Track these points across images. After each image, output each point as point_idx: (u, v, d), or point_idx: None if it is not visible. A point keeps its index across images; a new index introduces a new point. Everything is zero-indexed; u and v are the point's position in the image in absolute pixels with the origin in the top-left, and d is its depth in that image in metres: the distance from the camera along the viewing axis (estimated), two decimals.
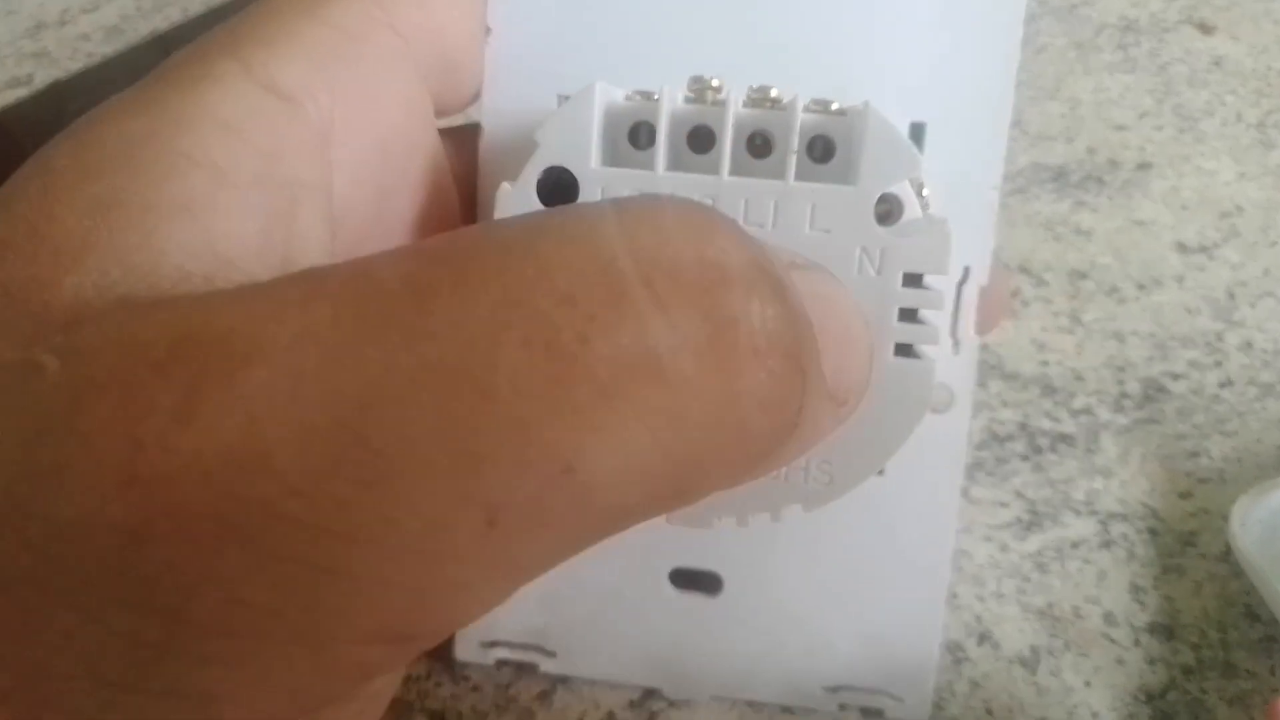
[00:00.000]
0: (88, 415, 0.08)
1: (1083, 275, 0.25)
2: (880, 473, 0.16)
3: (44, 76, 0.32)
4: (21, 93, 0.32)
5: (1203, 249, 0.26)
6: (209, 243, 0.10)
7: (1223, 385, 0.23)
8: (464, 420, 0.08)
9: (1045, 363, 0.24)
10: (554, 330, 0.09)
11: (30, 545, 0.08)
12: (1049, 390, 0.23)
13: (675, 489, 0.10)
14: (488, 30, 0.15)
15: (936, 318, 0.13)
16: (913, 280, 0.13)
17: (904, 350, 0.13)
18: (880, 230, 0.13)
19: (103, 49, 0.33)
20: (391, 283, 0.09)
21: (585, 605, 0.18)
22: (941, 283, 0.13)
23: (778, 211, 0.13)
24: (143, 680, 0.09)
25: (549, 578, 0.18)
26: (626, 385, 0.09)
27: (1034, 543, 0.20)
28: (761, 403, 0.10)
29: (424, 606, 0.09)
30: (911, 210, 0.13)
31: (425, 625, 0.09)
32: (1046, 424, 0.22)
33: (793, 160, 0.13)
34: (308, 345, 0.08)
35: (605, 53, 0.15)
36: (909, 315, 0.13)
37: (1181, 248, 0.26)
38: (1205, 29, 0.32)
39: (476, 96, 0.16)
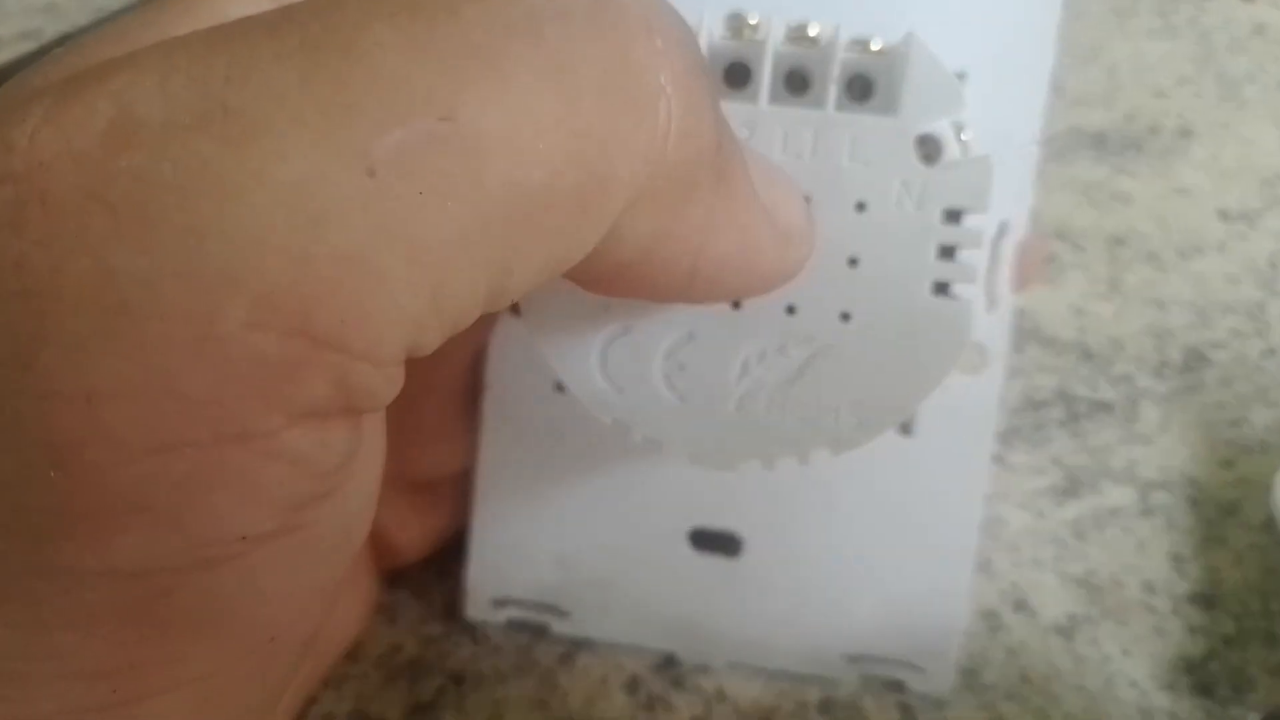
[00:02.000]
0: None
1: (1121, 241, 0.25)
2: (909, 434, 0.16)
3: (53, 30, 0.32)
4: (30, 45, 0.31)
5: (1244, 217, 0.25)
6: None
7: (1265, 354, 0.22)
8: (329, 78, 0.08)
9: (1083, 329, 0.23)
10: (420, 8, 0.09)
11: None
12: (1087, 356, 0.22)
13: (583, 170, 0.09)
14: None
15: (975, 257, 0.13)
16: (952, 217, 0.13)
17: (941, 290, 0.13)
18: (921, 165, 0.13)
19: (111, 3, 0.32)
20: (268, 11, 0.09)
21: (600, 564, 0.17)
22: (981, 221, 0.13)
23: (816, 141, 0.13)
24: (18, 380, 0.08)
25: (564, 535, 0.18)
26: (502, 43, 0.09)
27: (1072, 510, 0.20)
28: (664, 90, 0.09)
29: (312, 278, 0.08)
30: (951, 153, 0.13)
31: (322, 311, 0.08)
32: (1084, 391, 0.22)
33: (833, 89, 0.13)
34: (178, 52, 0.09)
35: None
36: (947, 254, 0.13)
37: (1223, 215, 0.25)
38: None
39: None
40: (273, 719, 0.14)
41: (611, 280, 0.11)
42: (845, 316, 0.13)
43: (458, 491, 0.18)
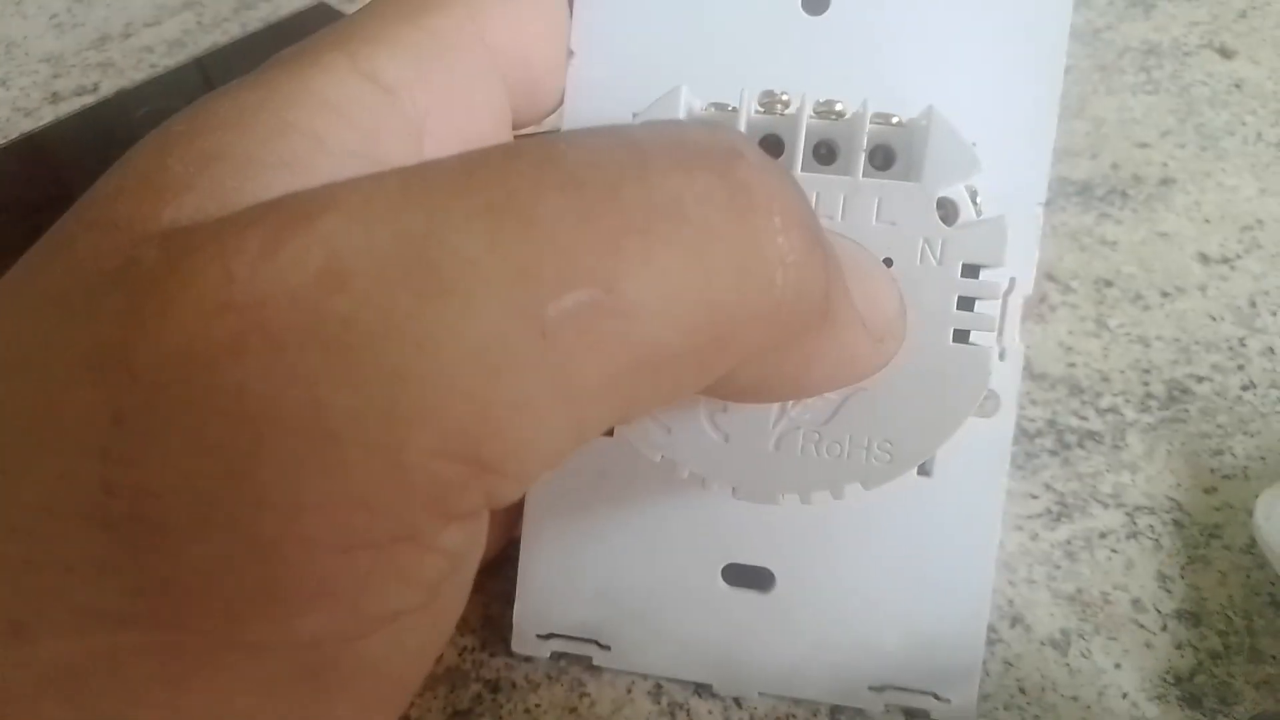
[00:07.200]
0: (185, 265, 0.10)
1: (1108, 283, 0.26)
2: (928, 475, 0.17)
3: (110, 85, 0.34)
4: (89, 100, 0.33)
5: (1225, 260, 0.27)
6: None
7: (1245, 388, 0.24)
8: (512, 244, 0.10)
9: (1072, 364, 0.24)
10: (584, 179, 0.10)
11: (136, 380, 0.09)
12: (1076, 390, 0.24)
13: (711, 334, 0.10)
14: (570, 54, 0.17)
15: (993, 308, 0.14)
16: (971, 271, 0.14)
17: (961, 338, 0.14)
18: (941, 224, 0.14)
19: (165, 61, 0.35)
20: (449, 161, 0.10)
21: (640, 599, 0.18)
22: (997, 275, 0.14)
23: (847, 205, 0.14)
24: (234, 491, 0.09)
25: (605, 571, 0.19)
26: (655, 223, 0.10)
27: (1063, 532, 0.21)
28: (784, 261, 0.11)
29: (487, 419, 0.09)
30: (967, 214, 0.14)
31: (491, 445, 0.10)
32: (1074, 422, 0.23)
33: (860, 158, 0.14)
34: (378, 198, 0.10)
35: (681, 78, 0.16)
36: (967, 304, 0.14)
37: (1204, 258, 0.27)
38: (1226, 53, 0.33)
39: (550, 114, 0.17)
40: None
41: (718, 397, 0.13)
42: None
43: (500, 518, 0.19)
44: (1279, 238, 0.27)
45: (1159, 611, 0.20)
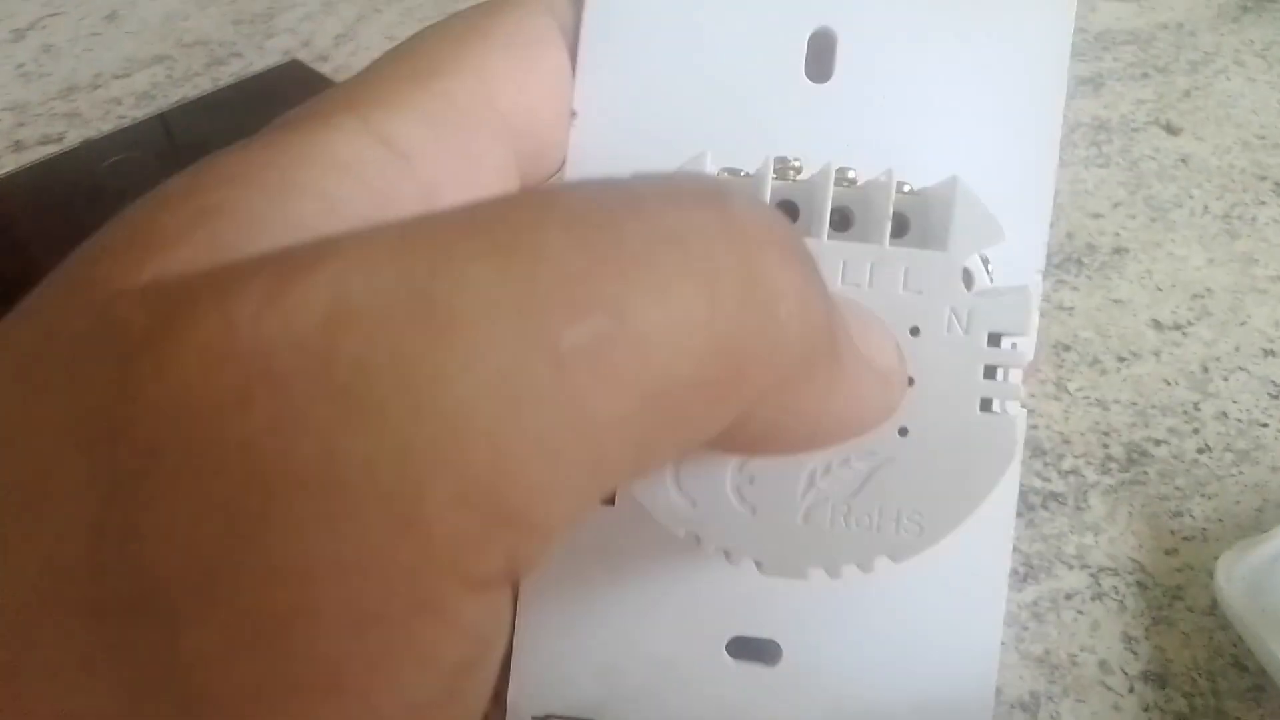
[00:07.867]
0: (180, 317, 0.09)
1: (1066, 348, 0.27)
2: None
3: (75, 135, 0.34)
4: (53, 149, 0.33)
5: (1177, 326, 0.28)
6: None
7: (1201, 451, 0.24)
8: (520, 276, 0.09)
9: (1034, 427, 0.25)
10: (585, 217, 0.10)
11: (131, 446, 0.09)
12: (1039, 452, 0.24)
13: (722, 366, 0.10)
14: (573, 114, 0.17)
15: (1017, 376, 0.14)
16: (995, 340, 0.14)
17: (986, 406, 0.14)
18: (968, 293, 0.14)
19: (133, 113, 0.35)
20: (447, 210, 0.10)
21: (642, 676, 0.18)
22: (1023, 343, 0.14)
23: (874, 273, 0.14)
24: (241, 559, 0.08)
25: (604, 648, 0.18)
26: (657, 253, 0.10)
27: (1030, 594, 0.21)
28: (785, 293, 0.11)
29: (507, 458, 0.09)
30: (981, 281, 0.14)
31: (512, 489, 0.09)
32: (1038, 483, 0.24)
33: (886, 226, 0.14)
34: (379, 243, 0.10)
35: (683, 138, 0.16)
36: (991, 374, 0.14)
37: (1157, 325, 0.28)
38: (1172, 130, 0.35)
39: (552, 175, 0.17)
40: None
41: (736, 448, 0.12)
42: (903, 431, 0.14)
43: None
44: (1227, 305, 0.28)
45: (1125, 673, 0.20)
